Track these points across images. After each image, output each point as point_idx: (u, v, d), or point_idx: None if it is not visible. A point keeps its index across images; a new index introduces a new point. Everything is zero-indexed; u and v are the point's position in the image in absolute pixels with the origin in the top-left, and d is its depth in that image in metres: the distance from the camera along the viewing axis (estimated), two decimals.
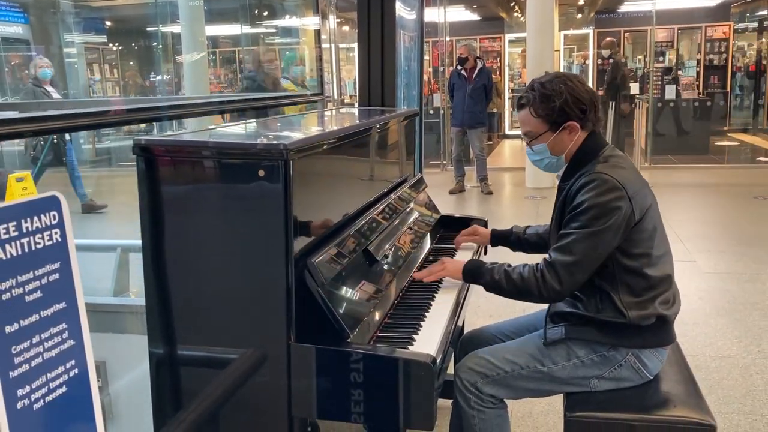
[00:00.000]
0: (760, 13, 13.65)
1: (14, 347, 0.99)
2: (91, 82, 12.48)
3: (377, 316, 1.91)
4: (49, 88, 7.37)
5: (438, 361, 1.68)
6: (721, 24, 13.63)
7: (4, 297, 0.97)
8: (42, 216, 1.05)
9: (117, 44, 13.45)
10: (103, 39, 12.94)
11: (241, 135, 2.06)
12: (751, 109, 13.49)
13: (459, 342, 2.42)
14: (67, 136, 7.24)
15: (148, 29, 12.26)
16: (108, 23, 13.03)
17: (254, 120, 2.67)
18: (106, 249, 3.98)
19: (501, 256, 2.52)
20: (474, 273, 2.11)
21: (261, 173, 1.59)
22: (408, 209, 2.55)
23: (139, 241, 1.69)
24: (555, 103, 1.97)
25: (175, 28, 9.75)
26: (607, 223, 1.88)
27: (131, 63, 13.81)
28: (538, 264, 1.97)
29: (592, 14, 14.15)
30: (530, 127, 2.05)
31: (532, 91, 2.02)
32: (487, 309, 4.04)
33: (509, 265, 2.04)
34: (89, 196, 7.67)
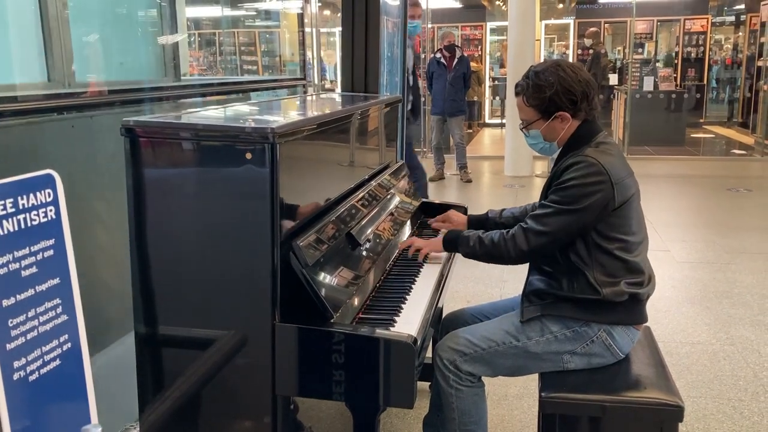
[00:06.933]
0: (737, 7, 13.82)
1: (11, 320, 1.01)
2: None
3: (360, 297, 1.96)
4: None
5: (418, 341, 1.73)
6: (699, 17, 13.79)
7: (1, 271, 0.99)
8: (37, 193, 1.08)
9: None
10: None
11: (228, 118, 2.08)
12: (726, 103, 13.69)
13: (441, 323, 2.48)
14: None
15: None
16: None
17: (239, 103, 2.68)
18: None
19: None
20: (453, 242, 2.24)
21: (248, 156, 1.61)
22: (390, 195, 2.59)
23: None
24: (546, 93, 2.03)
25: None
26: (584, 203, 1.95)
27: None
28: (510, 230, 2.08)
29: (573, 4, 14.23)
30: (524, 115, 2.12)
31: (526, 79, 2.07)
32: (465, 294, 4.11)
33: (483, 232, 2.17)
34: None
